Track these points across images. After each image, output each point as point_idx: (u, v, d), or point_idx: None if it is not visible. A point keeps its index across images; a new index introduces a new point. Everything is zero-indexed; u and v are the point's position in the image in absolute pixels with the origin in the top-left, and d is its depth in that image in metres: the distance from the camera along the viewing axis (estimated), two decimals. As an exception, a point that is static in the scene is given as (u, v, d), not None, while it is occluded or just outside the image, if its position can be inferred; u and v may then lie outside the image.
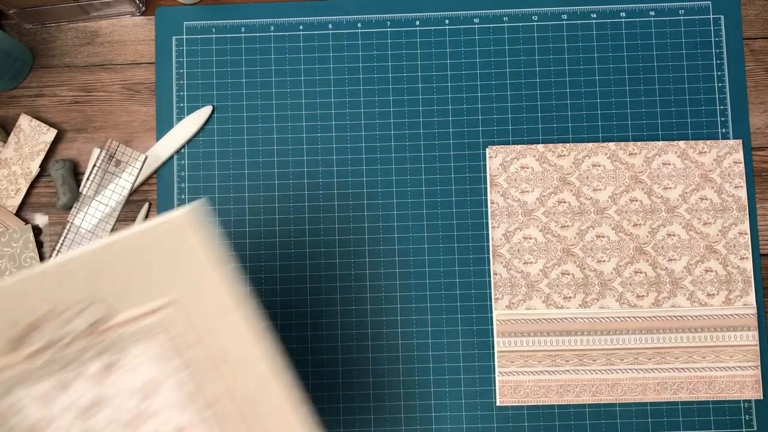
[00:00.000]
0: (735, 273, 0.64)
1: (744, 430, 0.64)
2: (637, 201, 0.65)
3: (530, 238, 0.65)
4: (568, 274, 0.65)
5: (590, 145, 0.66)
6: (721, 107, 0.67)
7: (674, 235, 0.65)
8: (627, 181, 0.65)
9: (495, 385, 0.64)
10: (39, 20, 0.68)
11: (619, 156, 0.65)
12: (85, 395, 0.45)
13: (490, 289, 0.65)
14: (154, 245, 0.46)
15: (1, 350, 0.41)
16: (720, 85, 0.67)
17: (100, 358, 0.45)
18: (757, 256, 0.65)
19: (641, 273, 0.64)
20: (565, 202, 0.65)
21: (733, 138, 0.66)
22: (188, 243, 0.47)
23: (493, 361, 0.64)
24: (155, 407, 0.46)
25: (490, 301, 0.65)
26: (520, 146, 0.66)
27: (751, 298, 0.64)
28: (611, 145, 0.66)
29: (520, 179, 0.66)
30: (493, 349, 0.64)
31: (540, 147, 0.66)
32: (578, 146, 0.66)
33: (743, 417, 0.64)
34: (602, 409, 0.64)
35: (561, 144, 0.66)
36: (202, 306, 0.47)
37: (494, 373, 0.64)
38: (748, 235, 0.65)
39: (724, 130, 0.67)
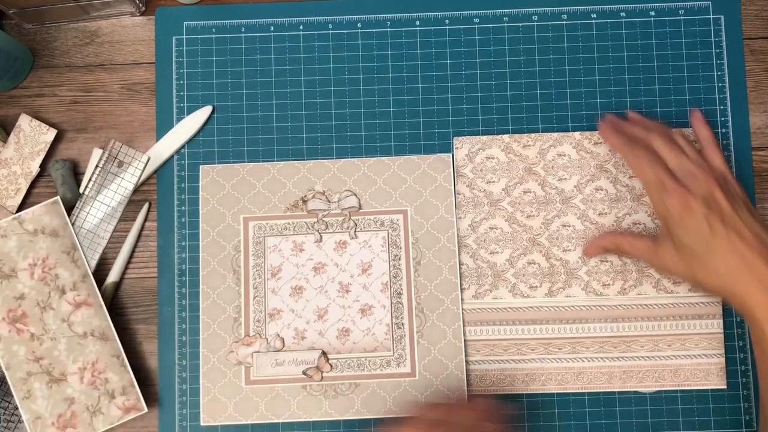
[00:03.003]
0: None
1: (744, 429, 0.64)
2: (602, 190, 0.65)
3: (496, 228, 0.65)
4: (534, 264, 0.65)
5: (555, 134, 0.66)
6: (721, 107, 0.67)
7: (640, 224, 0.65)
8: (592, 170, 0.65)
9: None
10: (39, 20, 0.68)
11: (584, 145, 0.65)
12: (325, 255, 0.65)
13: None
14: (411, 171, 0.66)
15: (290, 208, 0.65)
16: (720, 85, 0.67)
17: (345, 232, 0.65)
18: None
19: (607, 262, 0.64)
20: (530, 192, 0.65)
21: (733, 138, 0.66)
22: (434, 177, 0.66)
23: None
24: (361, 282, 0.64)
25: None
26: (485, 137, 0.66)
27: None
28: (576, 134, 0.66)
29: (486, 170, 0.66)
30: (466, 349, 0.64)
31: (506, 137, 0.66)
32: (543, 136, 0.66)
33: (743, 417, 0.64)
34: (601, 404, 0.64)
35: (527, 134, 0.66)
36: (421, 223, 0.65)
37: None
38: None
39: (723, 130, 0.67)
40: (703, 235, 0.56)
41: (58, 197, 0.65)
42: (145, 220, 0.67)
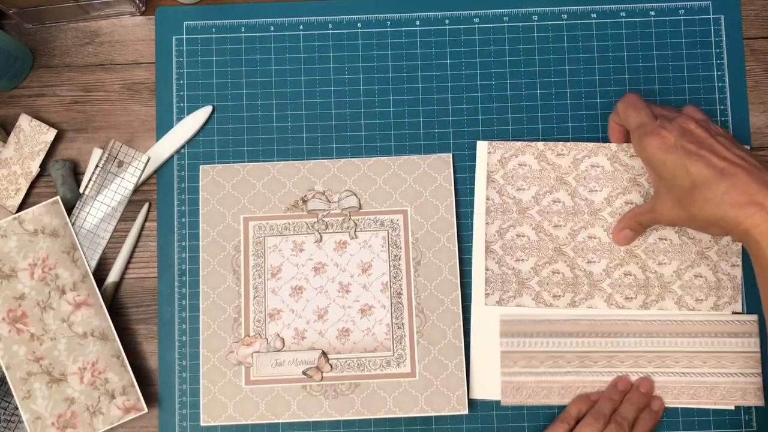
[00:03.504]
0: (725, 280, 0.64)
1: (744, 430, 0.64)
2: (632, 204, 0.65)
3: (523, 236, 0.65)
4: (558, 273, 0.65)
5: (591, 145, 0.66)
6: (721, 107, 0.67)
7: (666, 239, 0.64)
8: (624, 183, 0.65)
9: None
10: (39, 20, 0.68)
11: (620, 157, 0.65)
12: (325, 255, 0.65)
13: (469, 289, 0.65)
14: (411, 171, 0.66)
15: (290, 208, 0.65)
16: (720, 85, 0.67)
17: (346, 232, 0.65)
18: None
19: (630, 275, 0.64)
20: (559, 202, 0.65)
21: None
22: (434, 177, 0.66)
23: (468, 359, 0.64)
24: (361, 282, 0.65)
25: (469, 301, 0.65)
26: (519, 143, 0.66)
27: (739, 306, 0.64)
28: (612, 146, 0.65)
29: (517, 176, 0.65)
30: (468, 346, 0.64)
31: (540, 145, 0.66)
32: (579, 145, 0.66)
33: (743, 417, 0.64)
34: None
35: (561, 143, 0.66)
36: (421, 223, 0.65)
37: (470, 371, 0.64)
38: (741, 243, 0.64)
39: (724, 130, 0.67)
40: (682, 164, 0.55)
41: (58, 197, 0.65)
42: (145, 220, 0.67)
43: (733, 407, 0.63)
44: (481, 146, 0.66)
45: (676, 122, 0.56)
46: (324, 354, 0.63)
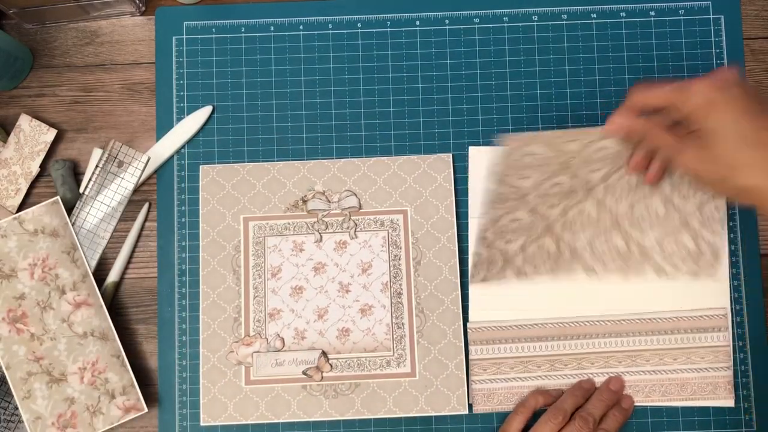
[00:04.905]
0: (705, 247, 0.63)
1: (744, 429, 0.64)
2: (625, 177, 0.63)
3: (517, 220, 0.64)
4: (543, 249, 0.64)
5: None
6: (721, 107, 0.67)
7: (651, 208, 0.63)
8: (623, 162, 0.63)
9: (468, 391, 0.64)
10: (39, 20, 0.68)
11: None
12: (325, 255, 0.65)
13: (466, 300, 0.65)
14: (411, 171, 0.66)
15: (290, 208, 0.65)
16: (720, 85, 0.67)
17: (346, 232, 0.65)
18: (757, 256, 0.65)
19: (612, 244, 0.64)
20: (559, 184, 0.63)
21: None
22: (434, 177, 0.66)
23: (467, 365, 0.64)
24: (361, 282, 0.65)
25: (466, 313, 0.65)
26: (530, 133, 0.63)
27: (716, 272, 0.63)
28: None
29: (523, 166, 0.63)
30: (467, 351, 0.64)
31: (549, 133, 0.62)
32: (589, 131, 0.62)
33: (743, 417, 0.64)
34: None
35: (573, 130, 0.63)
36: (421, 223, 0.65)
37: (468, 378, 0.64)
38: (724, 210, 0.63)
39: (724, 130, 0.66)
40: (729, 126, 0.51)
41: (58, 197, 0.65)
42: (145, 220, 0.67)
43: (701, 405, 0.63)
44: (474, 152, 0.66)
45: (719, 76, 0.52)
46: (324, 354, 0.63)
